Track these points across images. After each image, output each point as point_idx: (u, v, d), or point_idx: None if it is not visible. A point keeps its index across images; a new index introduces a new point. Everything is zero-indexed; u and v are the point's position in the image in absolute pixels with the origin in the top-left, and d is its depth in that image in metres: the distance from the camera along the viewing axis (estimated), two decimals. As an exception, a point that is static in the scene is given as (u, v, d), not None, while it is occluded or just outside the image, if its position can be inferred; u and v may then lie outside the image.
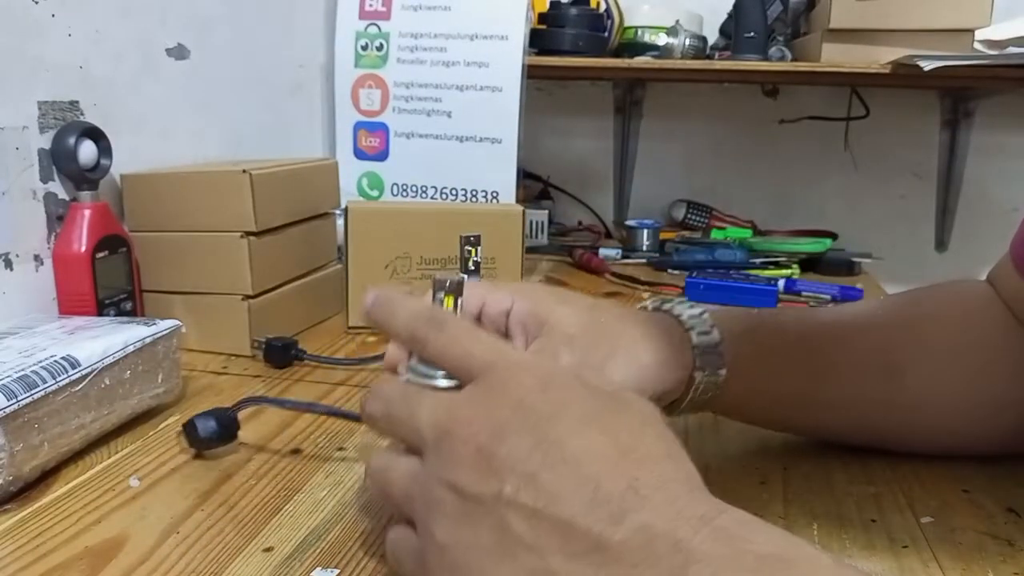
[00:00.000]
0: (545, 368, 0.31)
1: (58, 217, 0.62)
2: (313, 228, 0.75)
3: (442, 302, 0.40)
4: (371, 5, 1.01)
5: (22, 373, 0.42)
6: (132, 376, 0.50)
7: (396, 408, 0.32)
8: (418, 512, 0.30)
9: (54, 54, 0.61)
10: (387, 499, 0.32)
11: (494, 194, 1.00)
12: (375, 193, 1.05)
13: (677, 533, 0.26)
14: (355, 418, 0.47)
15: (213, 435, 0.47)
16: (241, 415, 0.48)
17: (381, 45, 1.01)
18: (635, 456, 0.28)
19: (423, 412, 0.31)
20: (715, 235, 1.22)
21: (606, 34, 1.15)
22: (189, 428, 0.47)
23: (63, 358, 0.45)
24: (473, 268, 0.62)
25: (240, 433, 0.50)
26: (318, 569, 0.36)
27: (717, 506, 0.27)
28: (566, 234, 1.28)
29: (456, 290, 0.40)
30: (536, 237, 1.18)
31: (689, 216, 1.31)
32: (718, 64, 1.08)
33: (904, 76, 0.98)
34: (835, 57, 1.05)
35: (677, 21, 1.11)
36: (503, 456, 0.28)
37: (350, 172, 1.04)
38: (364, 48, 1.02)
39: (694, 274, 0.92)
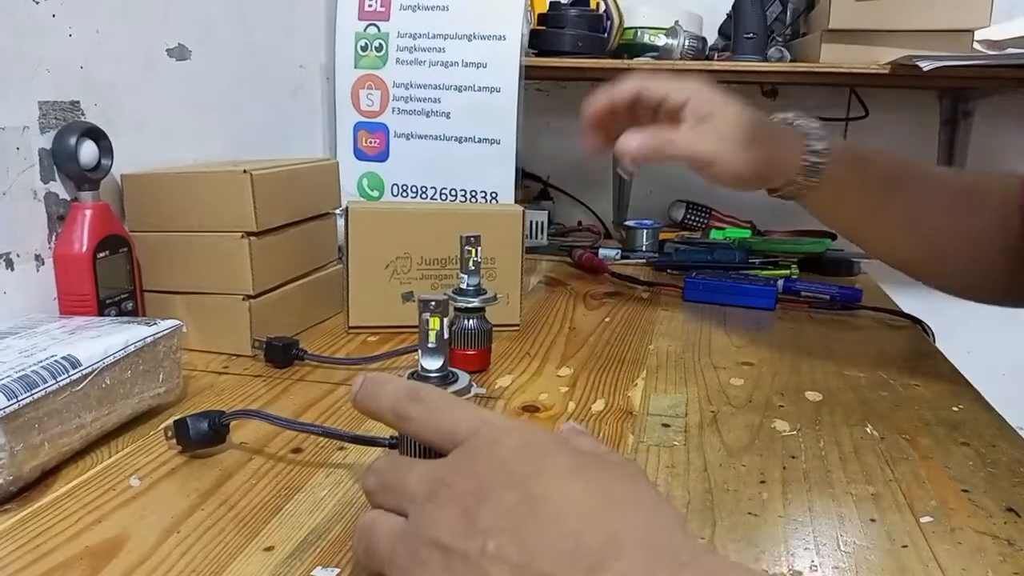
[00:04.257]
0: (526, 430, 0.32)
1: (59, 217, 0.62)
2: (314, 228, 0.75)
3: (428, 322, 0.40)
4: (370, 5, 1.01)
5: (23, 373, 0.42)
6: (133, 376, 0.50)
7: (388, 477, 0.33)
8: (401, 568, 0.30)
9: (55, 54, 0.61)
10: (370, 555, 0.32)
11: (493, 195, 1.00)
12: (375, 193, 1.05)
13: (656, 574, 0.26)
14: (349, 438, 0.47)
15: (203, 438, 0.47)
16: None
17: (380, 46, 1.01)
18: (616, 505, 0.29)
19: (412, 476, 0.32)
20: (714, 235, 1.22)
21: (605, 35, 1.15)
22: (180, 427, 0.47)
23: (64, 358, 0.45)
24: (473, 268, 0.62)
25: (240, 432, 0.50)
26: (319, 568, 0.36)
27: (695, 551, 0.28)
28: (566, 234, 1.28)
29: (441, 310, 0.40)
30: (536, 237, 1.18)
31: (688, 216, 1.31)
32: (717, 65, 1.09)
33: (903, 76, 0.98)
34: (834, 57, 1.05)
35: (676, 22, 1.11)
36: (487, 514, 0.29)
37: (350, 172, 1.04)
38: (364, 48, 1.02)
39: (694, 274, 0.92)
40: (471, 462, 0.31)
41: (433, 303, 0.40)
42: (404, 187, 1.04)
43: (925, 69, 0.92)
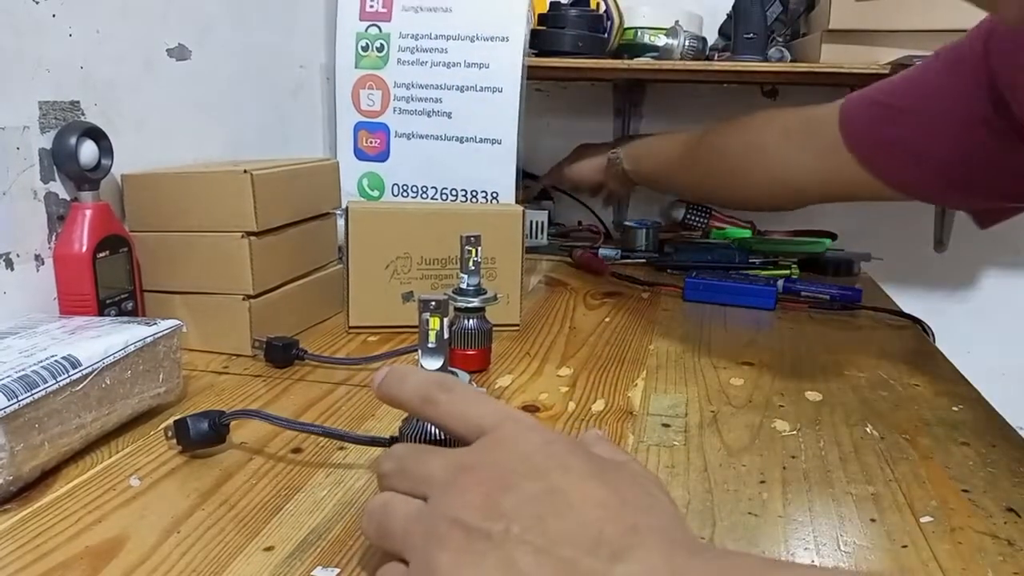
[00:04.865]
0: (550, 431, 0.33)
1: (59, 217, 0.62)
2: (314, 228, 0.75)
3: (428, 322, 0.40)
4: (372, 6, 1.01)
5: (23, 373, 0.42)
6: (133, 376, 0.50)
7: (409, 462, 0.34)
8: (417, 546, 0.30)
9: (55, 54, 0.61)
10: (382, 534, 0.33)
11: (494, 195, 1.00)
12: (375, 193, 1.05)
13: (675, 560, 0.27)
14: (350, 438, 0.47)
15: (203, 438, 0.47)
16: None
17: (382, 46, 1.01)
18: (634, 505, 0.30)
19: (435, 462, 0.32)
20: (715, 235, 1.22)
21: (606, 35, 1.15)
22: (180, 427, 0.47)
23: (64, 358, 0.45)
24: (473, 268, 0.62)
25: (241, 432, 0.50)
26: (319, 568, 0.37)
27: (707, 544, 0.31)
28: (566, 234, 1.28)
29: (441, 310, 0.41)
30: (536, 237, 1.18)
31: (688, 216, 1.31)
32: (717, 65, 1.08)
33: (904, 77, 0.98)
34: (834, 58, 1.05)
35: (676, 22, 1.11)
36: (510, 500, 0.29)
37: (351, 172, 1.04)
38: (365, 49, 1.02)
39: (694, 274, 0.92)
40: (496, 452, 0.31)
41: (433, 303, 0.40)
42: (404, 187, 1.04)
43: (925, 69, 0.92)
